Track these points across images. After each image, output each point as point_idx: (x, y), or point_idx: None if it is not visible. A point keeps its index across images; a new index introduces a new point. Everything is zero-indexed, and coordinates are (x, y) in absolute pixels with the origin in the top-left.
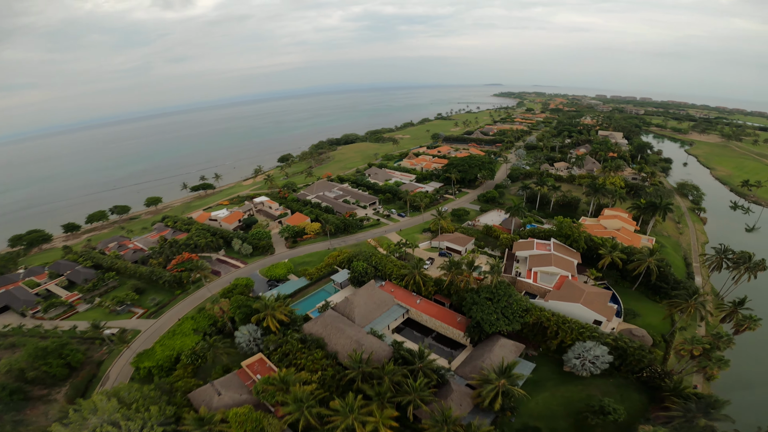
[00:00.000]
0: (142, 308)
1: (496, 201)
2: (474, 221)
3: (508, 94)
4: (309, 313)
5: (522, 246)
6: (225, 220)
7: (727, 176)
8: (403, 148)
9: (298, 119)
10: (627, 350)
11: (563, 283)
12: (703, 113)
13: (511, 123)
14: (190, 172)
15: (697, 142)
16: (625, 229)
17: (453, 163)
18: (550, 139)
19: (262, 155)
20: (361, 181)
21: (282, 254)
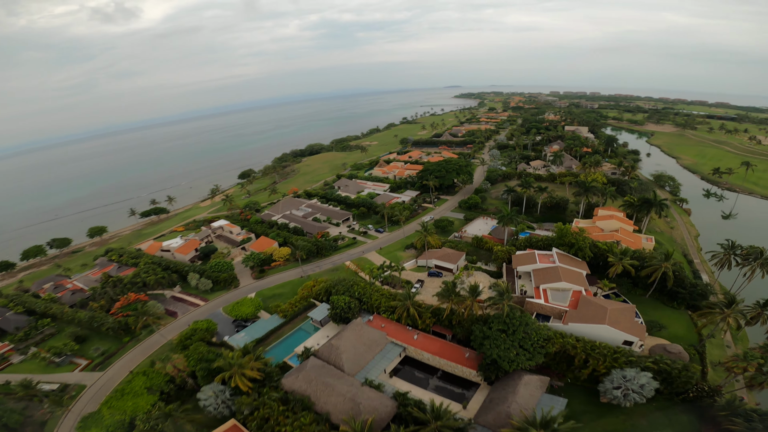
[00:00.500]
0: (86, 359)
1: (480, 207)
2: (460, 232)
3: (469, 95)
4: (287, 360)
5: (523, 260)
6: (179, 251)
7: (693, 164)
8: (372, 155)
9: (259, 131)
10: (671, 373)
11: (579, 301)
12: (650, 104)
13: (478, 123)
14: (142, 195)
15: (656, 133)
16: (623, 230)
17: (428, 169)
18: (521, 137)
19: (221, 172)
20: (331, 195)
21: (248, 287)
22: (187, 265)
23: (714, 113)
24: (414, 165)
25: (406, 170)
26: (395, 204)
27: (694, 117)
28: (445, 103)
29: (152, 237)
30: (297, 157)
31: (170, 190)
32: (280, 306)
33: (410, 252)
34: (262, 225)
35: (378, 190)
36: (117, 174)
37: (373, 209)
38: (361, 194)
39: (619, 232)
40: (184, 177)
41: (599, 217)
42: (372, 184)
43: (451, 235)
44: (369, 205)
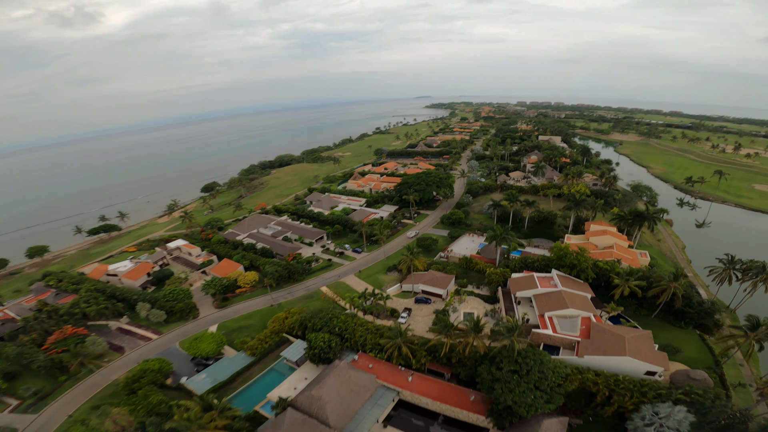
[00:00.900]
0: (16, 398)
1: (464, 223)
2: (446, 251)
3: (439, 105)
4: (258, 408)
5: (521, 284)
6: (127, 276)
7: (664, 173)
8: (346, 167)
9: (226, 142)
10: (705, 404)
11: (591, 329)
12: (611, 114)
13: (452, 133)
14: (92, 210)
15: (623, 142)
16: (618, 246)
17: (407, 182)
18: (497, 148)
19: (182, 185)
20: (303, 211)
21: (209, 317)
22: (136, 292)
23: (670, 122)
24: (391, 177)
25: (383, 183)
26: (373, 221)
27: (656, 126)
28: (416, 113)
29: (99, 258)
30: (265, 169)
31: (124, 205)
32: (248, 342)
33: (393, 275)
34: (225, 245)
35: (354, 205)
36: (67, 187)
37: (349, 227)
38: (335, 210)
39: (615, 248)
40: (141, 190)
41: (592, 233)
42: (347, 198)
43: (436, 255)
44: (344, 222)
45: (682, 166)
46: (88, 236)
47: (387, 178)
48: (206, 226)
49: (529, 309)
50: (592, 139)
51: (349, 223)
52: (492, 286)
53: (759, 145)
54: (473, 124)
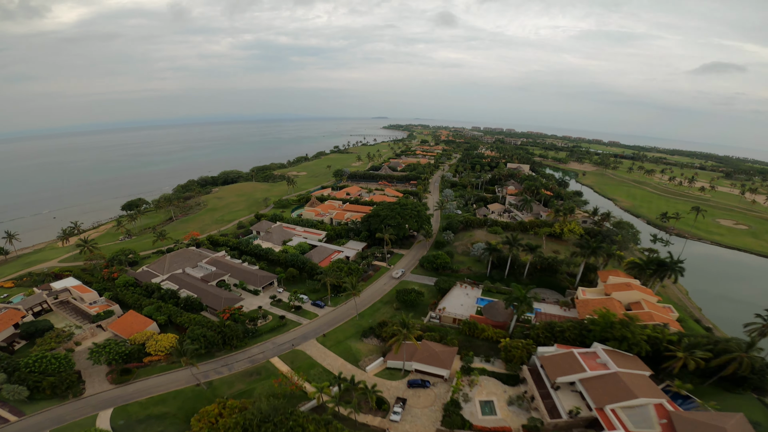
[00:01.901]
0: None
1: (449, 268)
2: (438, 311)
3: (397, 127)
4: None
5: (560, 365)
6: None
7: (632, 207)
8: (302, 188)
9: (167, 152)
10: None
11: (673, 422)
12: (561, 143)
13: (414, 156)
14: None
15: (580, 172)
16: (648, 303)
17: (378, 214)
18: (469, 174)
19: (104, 199)
20: (247, 246)
21: (100, 396)
22: None
23: (611, 151)
24: (356, 206)
25: (347, 212)
26: (338, 263)
27: (607, 156)
28: (374, 133)
29: None
30: (206, 186)
31: (23, 221)
32: None
33: (371, 342)
34: (134, 290)
35: (312, 239)
36: None
37: (307, 270)
38: (288, 245)
39: (644, 305)
40: (51, 202)
41: (613, 286)
42: (303, 230)
43: (423, 313)
44: (301, 264)
45: (645, 199)
46: None
47: (351, 206)
48: (112, 259)
49: (571, 395)
50: (549, 167)
51: (308, 266)
52: (513, 365)
53: (703, 179)
54: (435, 148)
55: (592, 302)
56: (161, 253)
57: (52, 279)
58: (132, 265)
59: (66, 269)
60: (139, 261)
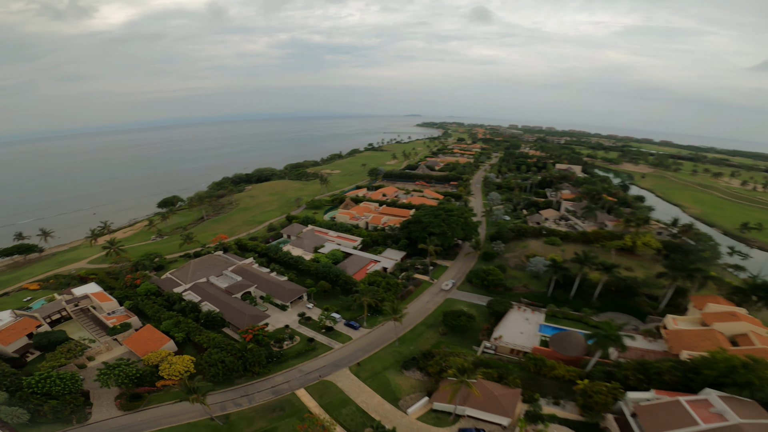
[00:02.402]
0: None
1: (503, 285)
2: (493, 340)
3: (431, 124)
4: None
5: (662, 417)
6: (4, 336)
7: (702, 214)
8: (335, 188)
9: (204, 149)
10: None
11: None
12: (609, 141)
13: (452, 155)
14: (26, 220)
15: (632, 173)
16: (758, 335)
17: (420, 220)
18: (515, 176)
19: (143, 196)
20: (276, 253)
21: (105, 425)
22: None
23: (665, 152)
24: (394, 209)
25: (383, 215)
26: (374, 276)
27: (665, 157)
28: (408, 130)
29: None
30: (239, 184)
31: (65, 216)
32: None
33: (412, 375)
34: (155, 300)
35: (346, 246)
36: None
37: (341, 284)
38: (320, 252)
39: (753, 339)
40: (92, 199)
41: (714, 315)
42: (336, 235)
43: (478, 345)
44: (334, 276)
45: (716, 205)
46: None
47: (389, 209)
48: (137, 264)
49: None
50: (599, 169)
51: (341, 279)
52: (594, 413)
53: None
54: (472, 146)
55: (687, 334)
56: (188, 257)
57: (78, 282)
58: (158, 269)
59: (92, 272)
60: (165, 265)
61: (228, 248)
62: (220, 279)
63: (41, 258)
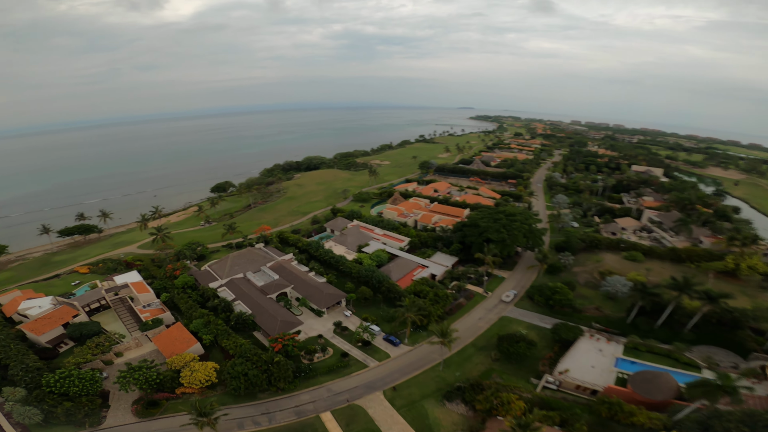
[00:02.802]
0: None
1: (570, 306)
2: (557, 374)
3: (485, 117)
4: None
5: None
6: (31, 327)
7: None
8: (384, 180)
9: (260, 135)
10: None
11: None
12: (689, 142)
13: (509, 150)
14: (94, 200)
15: (718, 178)
16: None
17: (477, 223)
18: (584, 176)
19: (199, 180)
20: (317, 250)
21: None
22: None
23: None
24: (445, 207)
25: (434, 214)
26: (421, 284)
27: (758, 162)
28: (461, 123)
29: (49, 273)
30: (289, 172)
31: (129, 198)
32: None
33: (455, 409)
34: (190, 295)
35: (391, 246)
36: (86, 170)
37: (383, 292)
38: (364, 251)
39: None
40: (155, 181)
41: None
42: (382, 233)
43: (534, 373)
44: (377, 281)
45: None
46: (59, 237)
47: (440, 207)
48: (178, 253)
49: None
50: (682, 173)
51: (384, 285)
52: None
53: None
54: (531, 141)
55: None
56: (229, 248)
57: (123, 268)
58: (200, 259)
59: (138, 258)
60: (207, 255)
61: (269, 241)
62: (257, 276)
63: (99, 239)
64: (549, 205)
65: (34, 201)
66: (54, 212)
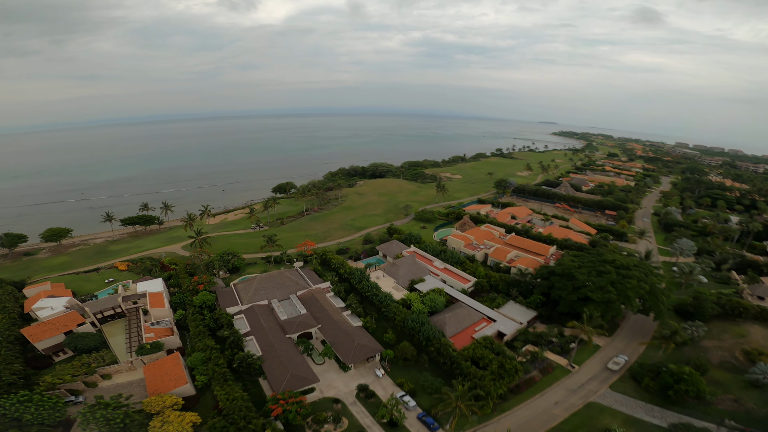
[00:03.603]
0: None
1: (698, 395)
2: None
3: (570, 134)
4: None
5: None
6: (32, 331)
7: None
8: (452, 197)
9: (333, 137)
10: None
11: None
12: None
13: (603, 173)
14: (168, 190)
15: None
16: None
17: (571, 273)
18: (715, 217)
19: (266, 178)
20: (360, 281)
21: None
22: None
23: None
24: (524, 240)
25: (510, 248)
26: (483, 347)
27: None
28: (542, 138)
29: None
30: (352, 178)
31: (201, 191)
32: None
33: None
34: (204, 317)
35: (452, 287)
36: (176, 159)
37: (430, 352)
38: (417, 288)
39: None
40: (229, 175)
41: None
42: (443, 267)
43: None
44: (424, 338)
45: None
46: (122, 225)
47: (518, 241)
48: (209, 264)
49: None
50: None
51: (433, 344)
52: None
53: None
54: (630, 164)
55: None
56: (267, 262)
57: (158, 270)
58: (233, 271)
59: (174, 261)
60: (242, 268)
61: (309, 259)
62: (282, 305)
63: (159, 230)
64: (663, 249)
65: (122, 186)
66: (132, 199)
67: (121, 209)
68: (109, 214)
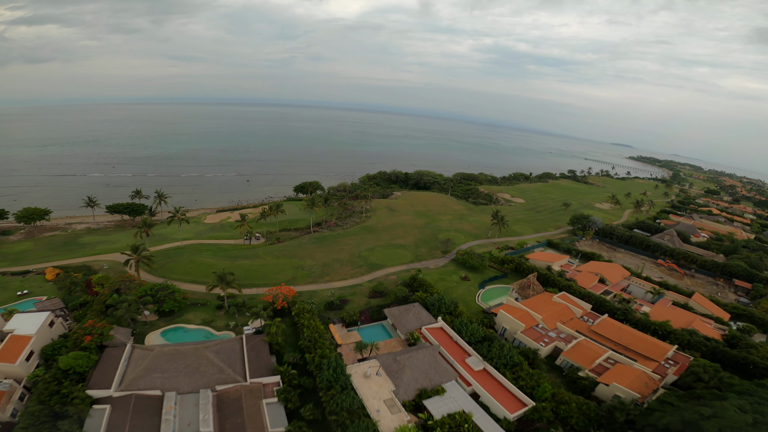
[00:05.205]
0: None
1: None
2: None
3: (651, 161)
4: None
5: None
6: None
7: None
8: (512, 231)
9: (386, 135)
10: None
11: None
12: None
13: (708, 216)
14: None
15: None
16: None
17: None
18: None
19: (297, 173)
20: (337, 379)
21: None
22: None
23: None
24: (624, 332)
25: (602, 349)
26: None
27: None
28: (617, 162)
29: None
30: (391, 185)
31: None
32: None
33: None
34: (58, 393)
35: (486, 414)
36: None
37: None
38: (425, 409)
39: None
40: (260, 165)
41: None
42: (480, 369)
43: None
44: None
45: None
46: (107, 212)
47: (615, 331)
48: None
49: None
50: None
51: None
52: None
53: None
54: (736, 206)
55: None
56: (219, 309)
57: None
58: (166, 315)
59: (104, 280)
60: (180, 311)
61: (298, 319)
62: (182, 405)
63: (154, 222)
64: None
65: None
66: (151, 180)
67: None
68: (92, 198)
